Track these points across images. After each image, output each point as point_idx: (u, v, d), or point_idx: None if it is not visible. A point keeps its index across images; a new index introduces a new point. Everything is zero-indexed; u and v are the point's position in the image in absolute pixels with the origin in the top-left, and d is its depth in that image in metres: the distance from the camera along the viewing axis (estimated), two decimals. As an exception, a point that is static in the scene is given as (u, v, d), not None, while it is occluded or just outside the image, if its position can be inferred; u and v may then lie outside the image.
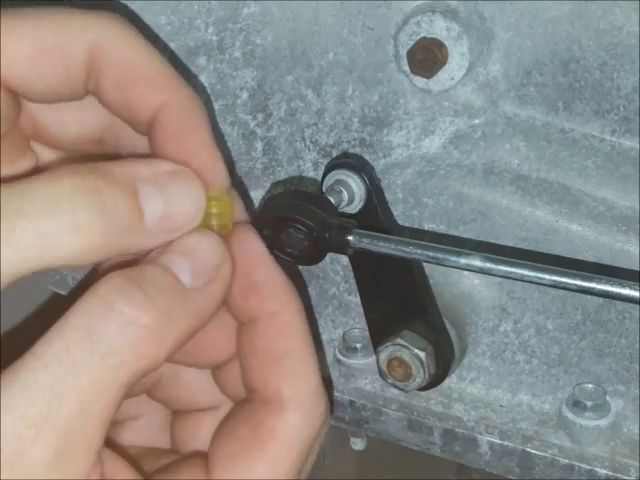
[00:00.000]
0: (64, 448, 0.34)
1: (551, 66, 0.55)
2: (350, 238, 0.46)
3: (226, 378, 0.46)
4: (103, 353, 0.35)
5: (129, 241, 0.38)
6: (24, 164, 0.45)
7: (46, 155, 0.47)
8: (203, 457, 0.43)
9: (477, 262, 0.44)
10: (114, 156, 0.46)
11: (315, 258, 0.46)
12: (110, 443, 0.38)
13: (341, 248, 0.46)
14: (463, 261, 0.45)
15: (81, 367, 0.35)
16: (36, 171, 0.43)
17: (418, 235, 0.60)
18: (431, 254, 0.45)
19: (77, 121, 0.46)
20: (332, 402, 0.63)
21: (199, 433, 0.47)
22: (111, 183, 0.37)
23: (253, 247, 0.43)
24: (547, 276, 0.43)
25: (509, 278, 0.45)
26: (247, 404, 0.43)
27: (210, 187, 0.42)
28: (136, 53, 0.42)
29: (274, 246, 0.46)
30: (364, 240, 0.46)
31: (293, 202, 0.46)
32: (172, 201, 0.40)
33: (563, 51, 0.55)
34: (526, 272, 0.44)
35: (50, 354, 0.35)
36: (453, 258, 0.45)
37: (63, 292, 0.71)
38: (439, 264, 0.46)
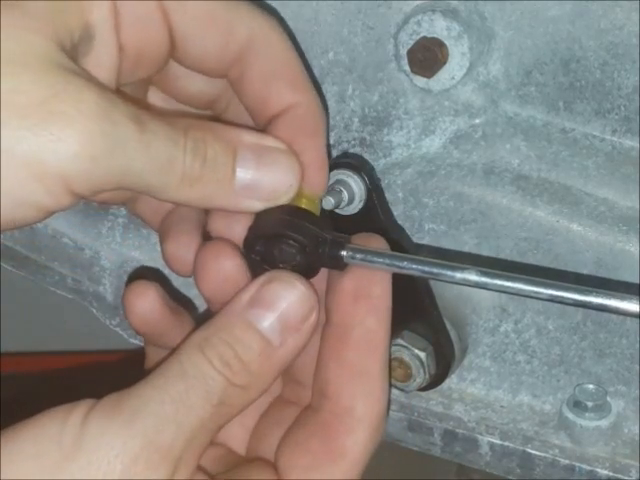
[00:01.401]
0: (174, 474, 0.40)
1: (552, 65, 0.55)
2: (344, 253, 0.46)
3: None
4: (215, 403, 0.41)
5: (217, 193, 0.43)
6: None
7: (158, 104, 0.51)
8: (269, 464, 0.47)
9: (473, 277, 0.45)
10: (216, 120, 0.50)
11: (308, 274, 0.46)
12: None
13: (334, 263, 0.46)
14: (459, 276, 0.45)
15: (197, 409, 0.40)
16: None
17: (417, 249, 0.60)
18: (426, 269, 0.45)
19: (204, 80, 0.49)
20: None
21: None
22: (216, 138, 0.43)
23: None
24: (544, 290, 0.44)
25: (505, 292, 0.45)
26: (316, 414, 0.46)
27: (308, 185, 0.46)
28: (285, 53, 0.47)
29: (267, 261, 0.46)
30: (358, 255, 0.46)
31: (285, 218, 0.46)
32: (265, 172, 0.44)
33: (564, 50, 0.54)
34: (523, 286, 0.44)
35: (173, 392, 0.40)
36: (449, 273, 0.45)
37: (63, 292, 0.71)
38: (435, 279, 0.46)
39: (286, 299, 0.44)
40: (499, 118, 0.57)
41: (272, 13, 0.57)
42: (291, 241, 0.46)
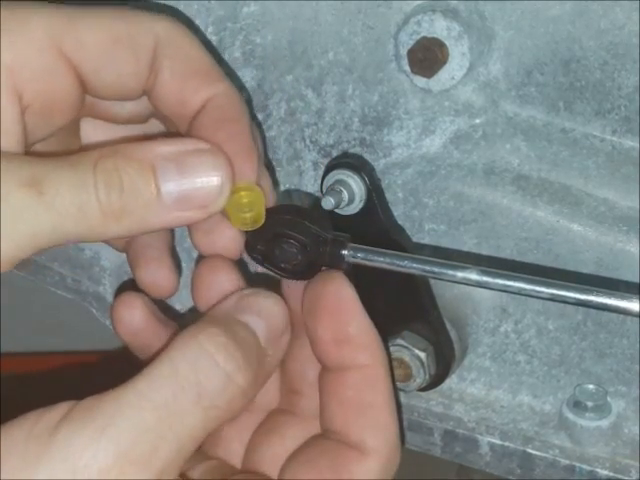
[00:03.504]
0: None
1: (552, 66, 0.55)
2: (345, 252, 0.46)
3: None
4: (206, 407, 0.38)
5: (147, 216, 0.40)
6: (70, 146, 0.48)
7: (93, 137, 0.49)
8: (265, 478, 0.45)
9: (474, 276, 0.44)
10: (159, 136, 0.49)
11: (309, 273, 0.46)
12: None
13: (335, 263, 0.46)
14: (460, 275, 0.45)
15: (186, 415, 0.37)
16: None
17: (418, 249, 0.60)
18: (427, 268, 0.45)
19: (133, 102, 0.48)
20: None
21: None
22: (129, 161, 0.40)
23: (347, 296, 0.45)
24: (545, 289, 0.43)
25: (506, 292, 0.45)
26: (327, 442, 0.45)
27: (240, 177, 0.43)
28: (194, 50, 0.45)
29: (268, 261, 0.46)
30: (359, 254, 0.46)
31: (286, 217, 0.46)
32: (191, 178, 0.41)
33: (564, 50, 0.54)
34: (523, 285, 0.44)
35: (158, 398, 0.37)
36: (450, 272, 0.45)
37: (63, 293, 0.71)
38: (436, 278, 0.46)
39: (270, 310, 0.43)
40: (499, 118, 0.57)
41: (175, 14, 0.58)
42: (292, 240, 0.46)
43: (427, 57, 0.54)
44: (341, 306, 0.45)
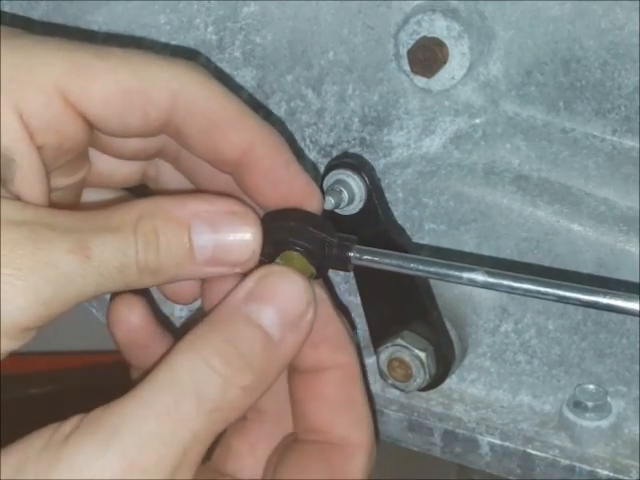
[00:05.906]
0: None
1: (552, 65, 0.55)
2: (351, 254, 0.46)
3: None
4: (208, 410, 0.39)
5: (181, 272, 0.42)
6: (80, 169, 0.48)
7: (93, 196, 0.50)
8: None
9: (480, 277, 0.44)
10: (154, 191, 0.50)
11: (317, 276, 0.46)
12: None
13: (342, 265, 0.46)
14: (466, 276, 0.45)
15: (188, 421, 0.38)
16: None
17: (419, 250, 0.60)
18: (433, 270, 0.45)
19: (128, 162, 0.48)
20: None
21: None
22: (167, 221, 0.41)
23: (320, 299, 0.45)
24: (551, 290, 0.43)
25: (513, 293, 0.45)
26: (310, 445, 0.46)
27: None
28: (217, 101, 0.44)
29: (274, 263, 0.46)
30: (365, 257, 0.46)
31: (289, 225, 0.46)
32: (225, 240, 0.42)
33: (564, 50, 0.54)
34: (530, 287, 0.44)
35: (160, 405, 0.38)
36: (456, 273, 0.45)
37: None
38: (442, 280, 0.46)
39: (284, 293, 0.42)
40: (499, 118, 0.57)
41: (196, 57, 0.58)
42: (297, 247, 0.46)
43: (427, 57, 0.54)
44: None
